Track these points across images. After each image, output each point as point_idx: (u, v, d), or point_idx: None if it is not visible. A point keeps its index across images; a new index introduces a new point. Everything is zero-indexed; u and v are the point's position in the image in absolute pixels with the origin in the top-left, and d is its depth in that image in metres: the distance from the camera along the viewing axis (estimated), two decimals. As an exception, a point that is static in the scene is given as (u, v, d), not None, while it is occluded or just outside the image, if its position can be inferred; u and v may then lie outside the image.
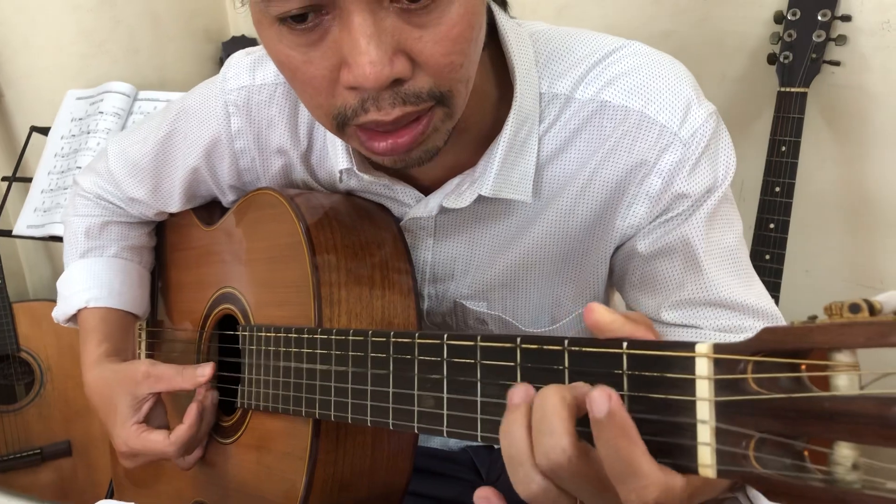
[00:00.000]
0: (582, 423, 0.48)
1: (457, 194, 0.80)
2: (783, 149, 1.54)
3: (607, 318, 0.50)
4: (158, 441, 0.89)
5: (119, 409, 0.92)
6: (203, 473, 0.96)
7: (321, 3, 0.58)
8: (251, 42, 2.15)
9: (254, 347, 0.85)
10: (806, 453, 0.42)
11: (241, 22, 2.30)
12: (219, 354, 0.99)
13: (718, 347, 0.43)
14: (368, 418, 0.68)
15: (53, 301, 1.08)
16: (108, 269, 1.05)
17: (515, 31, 0.77)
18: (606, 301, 0.94)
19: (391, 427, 0.66)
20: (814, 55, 1.55)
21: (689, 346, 0.44)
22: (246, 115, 0.89)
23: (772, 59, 1.60)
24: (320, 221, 0.83)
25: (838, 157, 1.68)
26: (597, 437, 0.46)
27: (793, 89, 1.56)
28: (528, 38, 0.78)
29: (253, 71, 0.88)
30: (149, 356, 1.13)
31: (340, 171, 0.83)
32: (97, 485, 1.91)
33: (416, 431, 0.63)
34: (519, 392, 0.51)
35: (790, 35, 1.57)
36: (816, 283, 1.76)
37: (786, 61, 1.57)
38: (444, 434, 0.60)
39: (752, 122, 1.75)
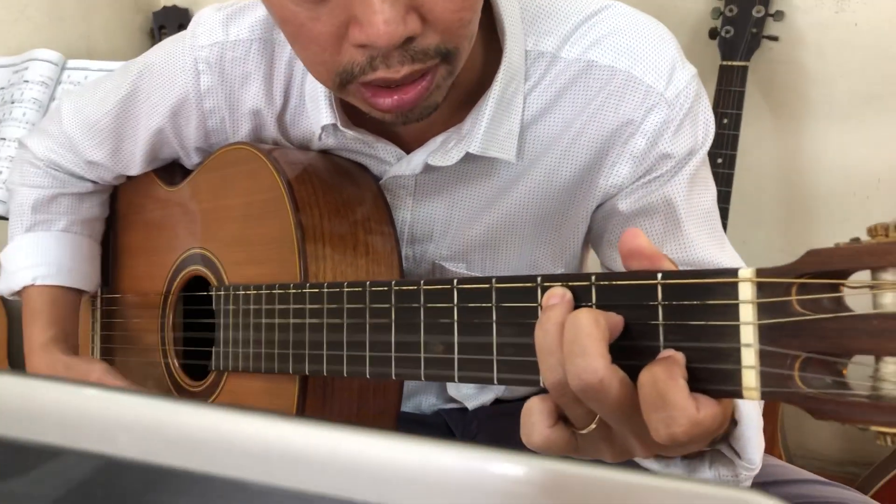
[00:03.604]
0: (623, 356, 0.48)
1: (443, 152, 0.79)
2: (725, 121, 1.58)
3: (645, 244, 0.50)
4: None
5: None
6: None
7: None
8: (183, 12, 2.08)
9: (230, 307, 0.83)
10: (844, 371, 0.43)
11: (172, -9, 2.22)
12: (185, 318, 0.96)
13: (762, 272, 0.44)
14: (367, 369, 0.67)
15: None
16: (56, 244, 1.01)
17: None
18: (582, 261, 0.95)
19: (393, 377, 0.65)
20: (753, 30, 1.59)
21: (732, 272, 0.45)
22: (218, 72, 0.86)
23: (713, 33, 1.64)
24: (300, 177, 0.81)
25: (775, 131, 1.74)
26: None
27: (734, 63, 1.60)
28: None
29: (226, 26, 0.85)
30: (104, 324, 1.08)
31: (322, 128, 0.81)
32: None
33: (422, 379, 0.62)
34: (556, 293, 0.51)
35: (731, 10, 1.61)
36: (752, 253, 1.81)
37: (727, 35, 1.61)
38: (456, 379, 0.60)
39: (693, 95, 1.79)
